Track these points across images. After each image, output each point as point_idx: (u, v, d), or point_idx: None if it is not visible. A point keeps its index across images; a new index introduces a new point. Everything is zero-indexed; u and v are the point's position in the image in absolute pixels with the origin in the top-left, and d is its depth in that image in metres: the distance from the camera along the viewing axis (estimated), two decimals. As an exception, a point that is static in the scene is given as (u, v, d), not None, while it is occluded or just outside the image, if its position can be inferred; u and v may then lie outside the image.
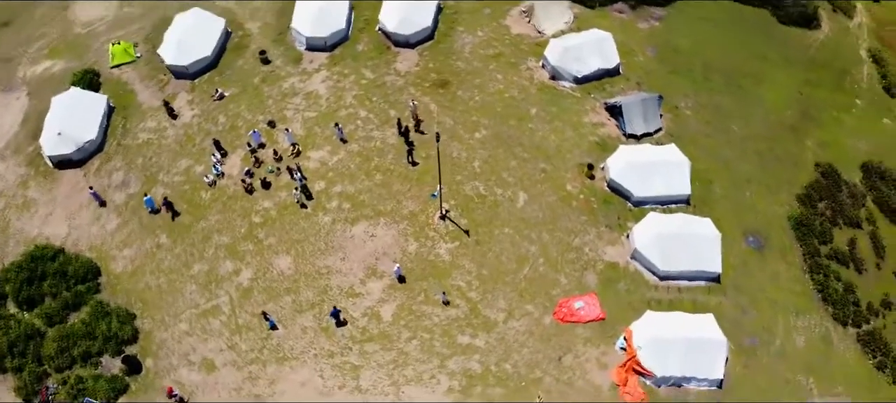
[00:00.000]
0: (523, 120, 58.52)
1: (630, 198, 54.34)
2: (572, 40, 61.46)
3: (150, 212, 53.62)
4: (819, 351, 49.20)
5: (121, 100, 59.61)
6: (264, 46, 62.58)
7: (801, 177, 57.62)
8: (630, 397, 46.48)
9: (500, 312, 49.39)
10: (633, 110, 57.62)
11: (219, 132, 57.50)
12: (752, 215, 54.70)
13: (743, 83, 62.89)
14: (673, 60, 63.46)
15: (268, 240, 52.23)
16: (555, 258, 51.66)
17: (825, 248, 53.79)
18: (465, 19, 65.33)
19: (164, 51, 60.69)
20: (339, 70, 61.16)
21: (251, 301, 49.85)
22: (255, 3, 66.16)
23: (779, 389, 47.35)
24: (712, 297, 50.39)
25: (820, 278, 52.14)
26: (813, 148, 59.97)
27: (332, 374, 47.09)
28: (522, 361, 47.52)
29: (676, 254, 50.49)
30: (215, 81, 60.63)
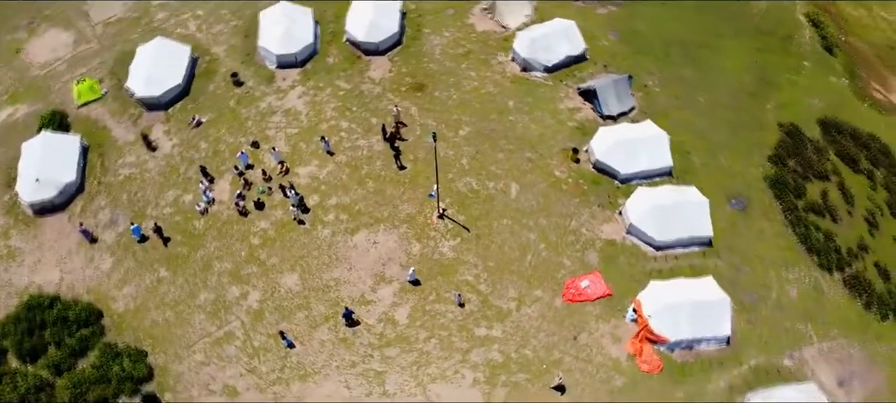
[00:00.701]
0: (503, 113, 59.79)
1: (617, 177, 56.21)
2: (538, 31, 63.08)
3: (138, 241, 52.63)
4: (812, 299, 52.03)
5: (94, 139, 58.14)
6: (234, 69, 62.04)
7: (769, 138, 60.69)
8: (647, 366, 48.19)
9: (512, 301, 50.45)
10: (606, 92, 59.60)
11: (202, 159, 56.78)
12: (730, 179, 57.33)
13: (701, 56, 65.85)
14: (634, 41, 65.89)
15: (271, 260, 51.94)
16: (554, 242, 53.05)
17: (801, 202, 56.81)
18: (430, 21, 66.23)
19: (133, 84, 59.52)
20: (313, 84, 61.18)
21: (264, 322, 49.51)
22: (216, 27, 65.44)
23: (781, 339, 49.88)
24: (708, 260, 52.65)
25: (801, 230, 55.07)
26: (773, 110, 63.22)
27: (357, 383, 47.25)
28: (540, 345, 48.69)
29: (670, 224, 52.57)
30: (190, 109, 59.73)
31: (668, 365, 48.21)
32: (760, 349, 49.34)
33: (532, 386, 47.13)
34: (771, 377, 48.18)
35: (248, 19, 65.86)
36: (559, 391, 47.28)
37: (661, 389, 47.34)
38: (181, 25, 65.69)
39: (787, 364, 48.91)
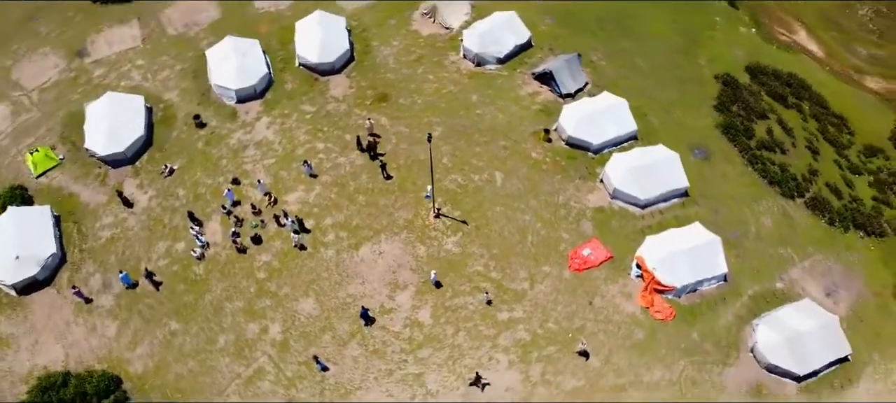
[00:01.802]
0: (469, 108, 61.75)
1: (589, 148, 59.27)
2: (484, 26, 65.39)
3: (128, 288, 51.41)
4: (784, 225, 56.87)
5: (64, 207, 55.73)
6: (193, 111, 60.92)
7: (710, 91, 65.63)
8: (661, 314, 51.37)
9: (524, 281, 52.46)
10: (561, 72, 62.66)
11: (183, 206, 55.61)
12: (687, 132, 61.65)
13: (632, 27, 70.23)
14: (570, 23, 69.46)
15: (283, 290, 51.69)
16: (549, 219, 55.48)
17: (753, 142, 61.83)
18: (376, 34, 67.34)
19: (92, 143, 57.42)
20: (278, 112, 61.03)
21: (291, 351, 49.27)
22: (162, 73, 63.99)
23: (769, 266, 54.34)
24: (689, 209, 56.55)
25: (760, 167, 60.01)
26: (706, 64, 68.38)
27: (398, 390, 47.91)
28: (561, 316, 50.95)
29: (650, 182, 56.11)
30: (158, 158, 58.27)
31: (679, 310, 51.55)
32: (754, 278, 53.54)
33: (563, 356, 49.24)
34: (769, 301, 52.45)
35: (193, 60, 64.76)
36: (584, 356, 49.57)
37: (677, 333, 50.59)
38: (124, 77, 63.78)
39: (780, 286, 53.37)
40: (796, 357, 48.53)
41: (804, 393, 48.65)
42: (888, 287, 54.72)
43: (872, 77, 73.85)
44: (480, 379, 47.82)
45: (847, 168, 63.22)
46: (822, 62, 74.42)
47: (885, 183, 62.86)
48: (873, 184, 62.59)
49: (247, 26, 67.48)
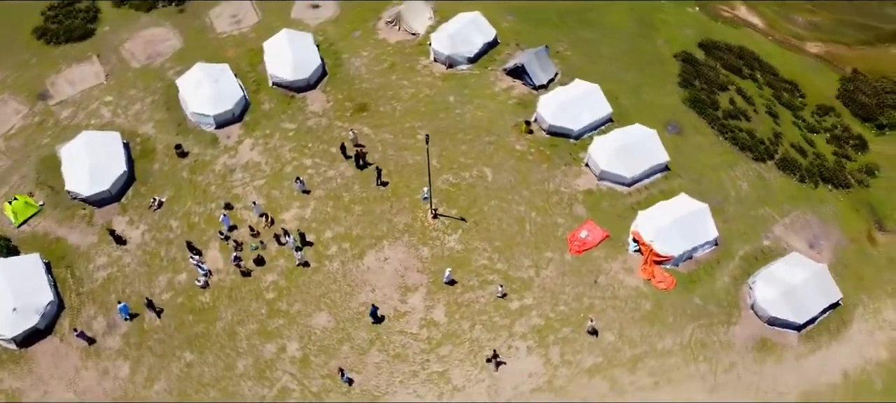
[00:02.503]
0: (448, 109, 62.79)
1: (570, 135, 61.06)
2: (452, 28, 66.59)
3: (127, 319, 50.58)
4: (760, 187, 59.87)
5: (53, 253, 54.11)
6: (172, 142, 60.04)
7: (671, 69, 68.50)
8: (663, 284, 53.42)
9: (529, 269, 53.72)
10: (532, 65, 64.38)
11: (178, 237, 54.79)
12: (658, 110, 64.15)
13: (590, 17, 72.74)
14: (531, 17, 71.36)
15: (294, 308, 51.54)
16: (543, 207, 56.95)
17: (719, 113, 64.85)
18: (344, 46, 67.76)
19: (75, 185, 55.96)
20: (260, 133, 60.77)
21: (313, 366, 49.20)
22: (133, 107, 62.83)
23: (753, 226, 57.12)
24: (672, 182, 58.92)
25: (729, 135, 62.99)
26: (663, 45, 71.34)
27: (425, 389, 48.43)
28: (570, 298, 52.40)
29: (633, 160, 58.24)
30: (144, 193, 57.21)
31: (679, 278, 53.68)
32: (742, 240, 56.20)
33: (579, 336, 50.68)
34: (759, 259, 55.15)
35: (163, 91, 63.84)
36: (593, 334, 51.12)
37: (681, 300, 52.71)
38: (94, 116, 62.34)
39: (767, 244, 56.18)
40: (794, 307, 51.19)
41: (805, 341, 51.35)
42: (862, 232, 58.23)
43: (812, 42, 78.21)
44: (497, 356, 48.72)
45: (805, 128, 66.93)
46: (765, 33, 78.41)
47: (840, 138, 66.79)
48: (831, 141, 66.46)
49: (212, 52, 66.89)
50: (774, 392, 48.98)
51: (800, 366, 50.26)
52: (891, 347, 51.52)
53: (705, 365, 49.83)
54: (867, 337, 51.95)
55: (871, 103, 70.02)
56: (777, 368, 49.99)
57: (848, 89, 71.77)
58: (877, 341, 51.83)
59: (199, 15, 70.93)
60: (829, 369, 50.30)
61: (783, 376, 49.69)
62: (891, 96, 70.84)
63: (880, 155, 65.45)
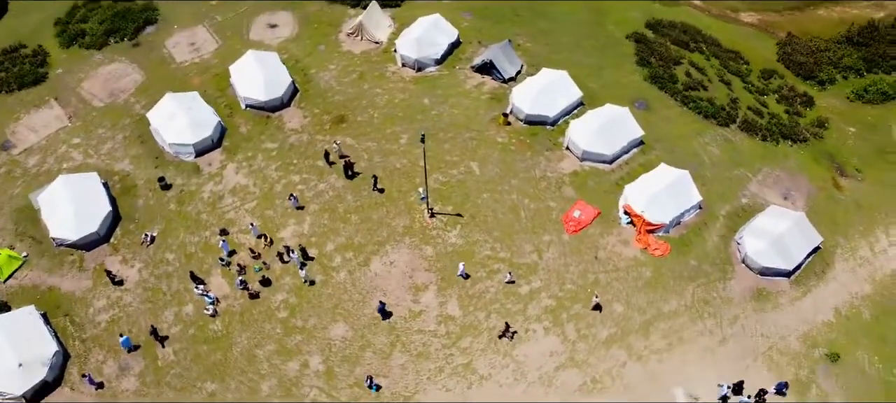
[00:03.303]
0: (425, 111, 63.78)
1: (547, 122, 62.99)
2: (416, 32, 67.65)
3: (130, 351, 49.71)
4: (729, 149, 63.18)
5: (47, 303, 52.23)
6: (149, 177, 58.89)
7: (627, 50, 71.50)
8: (658, 251, 55.79)
9: (531, 253, 55.18)
10: (500, 60, 66.11)
11: (177, 270, 53.83)
12: (623, 89, 66.86)
13: (542, 8, 75.06)
14: (488, 15, 73.32)
15: (310, 322, 51.42)
16: (533, 193, 58.57)
17: (679, 86, 68.04)
18: (311, 62, 67.92)
19: (60, 231, 54.20)
20: (242, 156, 60.28)
21: (338, 377, 49.22)
22: (104, 146, 61.29)
23: (731, 187, 60.21)
24: (649, 154, 61.54)
25: (693, 105, 66.22)
26: (614, 28, 74.28)
27: (453, 383, 49.14)
28: (575, 276, 54.10)
29: (611, 139, 60.59)
30: (133, 230, 55.92)
31: (672, 243, 56.16)
32: (722, 200, 59.20)
33: (589, 311, 52.36)
34: (741, 216, 58.20)
35: (133, 126, 62.59)
36: (597, 309, 52.95)
37: (677, 263, 55.15)
38: (65, 160, 60.51)
39: (745, 201, 59.35)
40: (782, 255, 54.28)
41: (796, 285, 54.48)
42: (827, 180, 62.14)
43: (746, 13, 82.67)
44: (509, 329, 50.18)
45: (756, 91, 70.79)
46: (703, 9, 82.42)
47: (788, 97, 70.91)
48: (780, 101, 70.49)
49: (176, 82, 65.92)
50: (777, 337, 51.80)
51: (796, 309, 53.30)
52: (872, 281, 55.20)
53: (712, 321, 52.29)
54: (850, 275, 55.52)
55: (809, 62, 74.57)
56: (776, 314, 52.89)
57: (786, 52, 76.20)
58: (859, 277, 55.44)
59: (156, 47, 69.70)
60: (821, 308, 53.51)
61: (783, 320, 52.60)
62: (825, 54, 75.63)
63: (827, 108, 69.84)
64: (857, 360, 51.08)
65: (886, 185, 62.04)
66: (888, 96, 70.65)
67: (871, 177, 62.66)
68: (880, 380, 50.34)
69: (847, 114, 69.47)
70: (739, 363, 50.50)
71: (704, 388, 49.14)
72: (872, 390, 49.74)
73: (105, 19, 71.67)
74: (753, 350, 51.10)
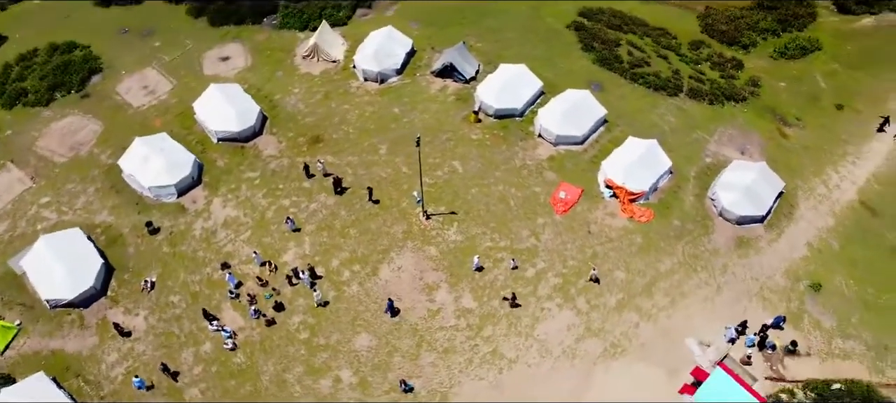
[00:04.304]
0: (397, 120, 65.15)
1: (515, 114, 65.61)
2: (372, 46, 68.91)
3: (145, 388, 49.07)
4: (683, 116, 67.65)
5: (54, 367, 50.17)
6: (134, 223, 57.61)
7: (570, 38, 75.30)
8: (644, 217, 59.22)
9: (529, 238, 57.44)
10: (459, 61, 68.32)
11: (185, 311, 52.98)
12: (577, 74, 70.36)
13: (484, 8, 78.04)
14: (434, 21, 75.40)
15: (333, 339, 51.74)
16: (518, 182, 60.92)
17: (625, 65, 72.18)
18: (273, 88, 68.04)
19: (54, 291, 52.26)
20: (225, 189, 59.83)
21: (372, 386, 49.79)
22: (78, 201, 59.41)
23: (693, 149, 64.52)
24: (614, 131, 65.12)
25: (642, 81, 70.45)
26: (552, 20, 77.90)
27: (484, 371, 50.64)
28: (575, 252, 56.72)
29: (579, 121, 63.80)
30: (128, 280, 54.59)
31: (654, 209, 59.70)
32: (688, 162, 63.38)
33: (592, 281, 55.04)
34: (708, 174, 62.50)
35: (103, 177, 60.97)
36: (595, 282, 55.81)
37: (662, 226, 58.70)
38: (38, 221, 58.22)
39: (709, 161, 63.76)
40: (754, 203, 58.77)
41: (769, 229, 59.04)
42: (773, 131, 67.51)
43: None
44: (515, 298, 52.68)
45: (691, 62, 75.88)
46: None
47: (719, 63, 76.26)
48: (714, 67, 75.77)
49: (137, 127, 64.55)
50: (765, 277, 56.04)
51: (774, 250, 57.78)
52: (833, 214, 60.50)
53: (704, 273, 56.01)
54: (813, 212, 60.65)
55: (730, 29, 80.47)
56: (759, 257, 57.19)
57: (708, 23, 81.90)
58: (821, 212, 60.65)
59: (107, 95, 68.02)
60: (796, 245, 58.24)
61: (766, 262, 56.94)
62: (743, 20, 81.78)
63: (755, 68, 75.61)
64: (836, 286, 55.92)
65: (825, 128, 68.03)
66: (807, 50, 77.26)
67: (811, 123, 68.51)
68: (859, 300, 55.29)
69: (774, 71, 75.42)
70: (737, 306, 54.32)
71: (712, 334, 52.62)
72: (855, 309, 54.56)
73: (46, 75, 69.25)
74: (747, 293, 55.07)
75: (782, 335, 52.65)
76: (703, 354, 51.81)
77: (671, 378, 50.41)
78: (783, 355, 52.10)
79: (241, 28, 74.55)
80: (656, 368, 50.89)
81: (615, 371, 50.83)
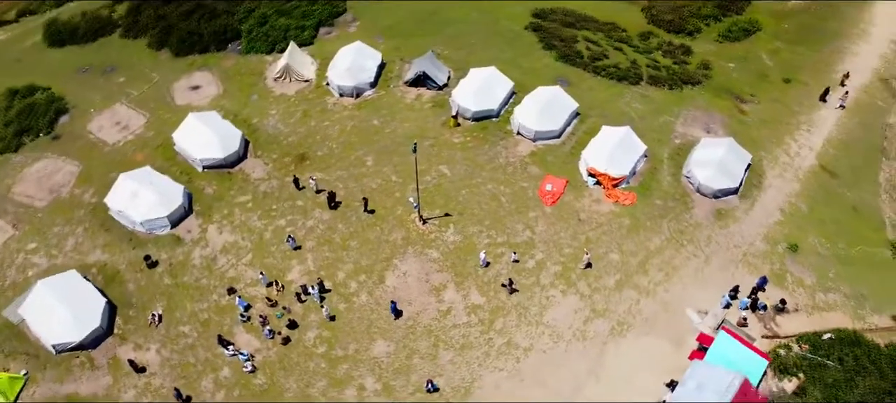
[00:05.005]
0: (379, 131, 66.36)
1: (492, 115, 67.71)
2: (345, 62, 69.93)
3: None
4: (648, 102, 71.10)
5: (70, 411, 49.60)
6: (130, 259, 57.05)
7: (530, 38, 78.11)
8: (628, 200, 62.06)
9: (525, 231, 59.47)
10: (431, 69, 70.09)
11: (198, 338, 52.85)
12: (543, 73, 73.08)
13: (442, 17, 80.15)
14: (397, 34, 77.07)
15: (350, 349, 52.47)
16: (505, 179, 62.95)
17: (586, 59, 75.34)
18: (250, 112, 68.24)
19: (60, 336, 51.25)
20: (220, 217, 59.82)
21: (397, 390, 50.75)
22: (67, 242, 58.33)
23: (662, 132, 67.90)
24: (587, 123, 67.96)
25: (605, 74, 73.71)
26: (508, 23, 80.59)
27: (502, 362, 52.24)
28: (569, 240, 59.01)
29: (554, 116, 66.35)
30: (132, 316, 54.06)
31: (636, 191, 62.58)
32: (660, 144, 66.70)
33: (589, 266, 57.44)
34: (680, 154, 65.89)
35: (90, 216, 60.06)
36: (588, 267, 58.32)
37: (646, 207, 61.62)
38: (27, 268, 56.98)
39: (678, 142, 67.24)
40: (727, 176, 62.36)
41: (743, 200, 62.69)
42: (732, 109, 71.61)
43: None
44: (512, 283, 54.77)
45: (644, 51, 79.64)
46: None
47: (669, 51, 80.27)
48: (666, 55, 79.72)
49: (116, 163, 63.84)
50: (746, 244, 59.54)
51: (751, 218, 61.43)
52: (797, 179, 64.69)
53: (691, 246, 59.14)
54: (780, 179, 64.71)
55: (675, 18, 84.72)
56: (738, 226, 60.71)
57: (653, 14, 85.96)
58: (787, 179, 64.79)
59: (80, 135, 66.97)
60: (769, 211, 62.05)
61: (745, 230, 60.47)
62: (685, 9, 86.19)
63: (704, 52, 79.87)
64: (811, 245, 59.86)
65: (777, 101, 72.57)
66: (749, 31, 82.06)
67: (764, 98, 72.96)
68: (833, 255, 59.35)
69: (721, 53, 79.86)
70: (726, 273, 57.57)
71: (708, 303, 55.62)
72: (830, 264, 58.53)
73: (10, 121, 67.70)
74: (733, 260, 58.41)
75: (772, 295, 56.06)
76: (702, 321, 54.69)
77: (677, 348, 53.07)
78: (774, 313, 55.45)
79: (206, 56, 74.37)
80: (662, 340, 53.50)
81: (625, 347, 53.18)
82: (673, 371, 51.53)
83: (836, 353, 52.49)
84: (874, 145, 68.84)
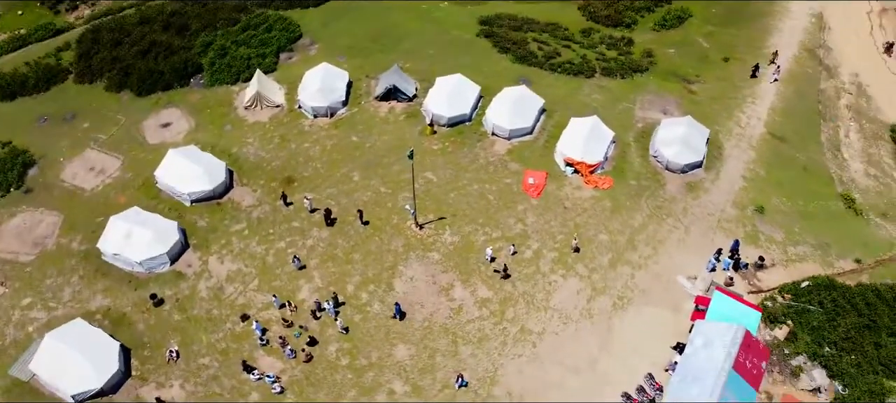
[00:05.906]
0: (360, 147, 67.93)
1: (466, 120, 70.34)
2: (314, 84, 71.02)
3: None
4: (605, 93, 75.30)
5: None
6: (133, 300, 56.71)
7: (484, 45, 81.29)
8: (606, 185, 65.70)
9: (517, 224, 62.23)
10: (399, 82, 72.15)
11: (219, 369, 53.08)
12: (504, 75, 76.14)
13: (396, 32, 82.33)
14: (359, 52, 78.68)
15: (373, 356, 53.80)
16: (488, 178, 65.62)
17: (541, 59, 79.06)
18: (227, 143, 68.49)
19: (76, 386, 50.55)
20: (218, 247, 60.05)
21: (425, 389, 52.43)
22: (65, 291, 57.35)
23: (624, 118, 72.01)
24: (555, 117, 71.44)
25: (561, 70, 77.63)
26: (459, 32, 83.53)
27: (519, 349, 54.66)
28: (559, 227, 62.11)
29: (524, 113, 69.55)
30: (147, 356, 53.82)
31: (612, 175, 66.40)
32: (624, 129, 70.79)
33: (584, 249, 60.64)
34: (645, 136, 70.18)
35: (83, 263, 59.21)
36: (576, 251, 61.66)
37: (623, 188, 65.40)
38: (27, 324, 55.73)
39: (641, 126, 71.55)
40: (692, 150, 66.88)
41: (708, 171, 67.36)
42: (682, 91, 76.54)
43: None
44: (507, 270, 57.74)
45: (589, 46, 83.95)
46: None
47: (612, 44, 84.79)
48: (610, 48, 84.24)
49: (100, 208, 63.05)
50: (718, 211, 64.06)
51: (718, 188, 66.13)
52: (751, 147, 70.00)
53: (671, 220, 63.24)
54: (737, 149, 69.85)
55: (612, 13, 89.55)
56: (709, 196, 65.26)
57: (590, 12, 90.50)
58: (743, 148, 70.03)
59: (53, 185, 65.60)
60: (733, 179, 66.95)
61: (715, 198, 65.03)
62: (620, 3, 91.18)
63: (645, 42, 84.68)
64: (775, 205, 64.98)
65: (721, 79, 78.04)
66: (682, 18, 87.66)
67: (708, 77, 78.31)
68: (795, 212, 64.68)
69: (660, 40, 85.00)
70: (705, 239, 61.89)
71: (694, 268, 59.70)
72: (794, 220, 63.74)
73: (-25, 179, 65.70)
74: (710, 227, 62.82)
75: (750, 254, 60.62)
76: (693, 286, 58.69)
77: (676, 313, 56.82)
78: (755, 270, 60.04)
79: (170, 93, 74.03)
80: (662, 308, 57.16)
81: (629, 319, 56.54)
82: (677, 334, 55.22)
83: (816, 298, 57.27)
84: (812, 109, 75.09)
